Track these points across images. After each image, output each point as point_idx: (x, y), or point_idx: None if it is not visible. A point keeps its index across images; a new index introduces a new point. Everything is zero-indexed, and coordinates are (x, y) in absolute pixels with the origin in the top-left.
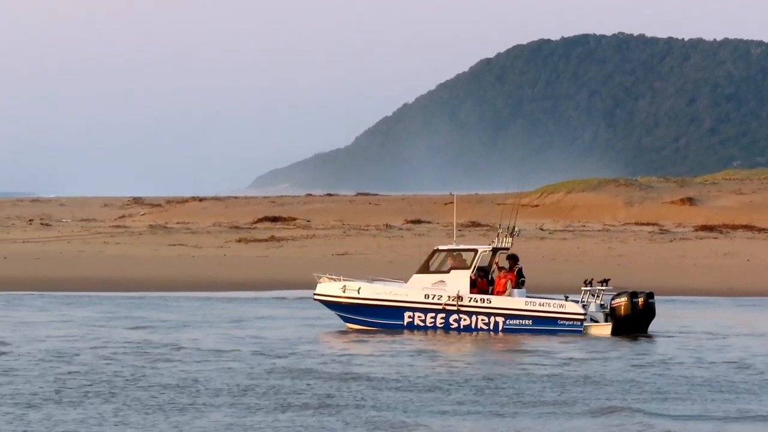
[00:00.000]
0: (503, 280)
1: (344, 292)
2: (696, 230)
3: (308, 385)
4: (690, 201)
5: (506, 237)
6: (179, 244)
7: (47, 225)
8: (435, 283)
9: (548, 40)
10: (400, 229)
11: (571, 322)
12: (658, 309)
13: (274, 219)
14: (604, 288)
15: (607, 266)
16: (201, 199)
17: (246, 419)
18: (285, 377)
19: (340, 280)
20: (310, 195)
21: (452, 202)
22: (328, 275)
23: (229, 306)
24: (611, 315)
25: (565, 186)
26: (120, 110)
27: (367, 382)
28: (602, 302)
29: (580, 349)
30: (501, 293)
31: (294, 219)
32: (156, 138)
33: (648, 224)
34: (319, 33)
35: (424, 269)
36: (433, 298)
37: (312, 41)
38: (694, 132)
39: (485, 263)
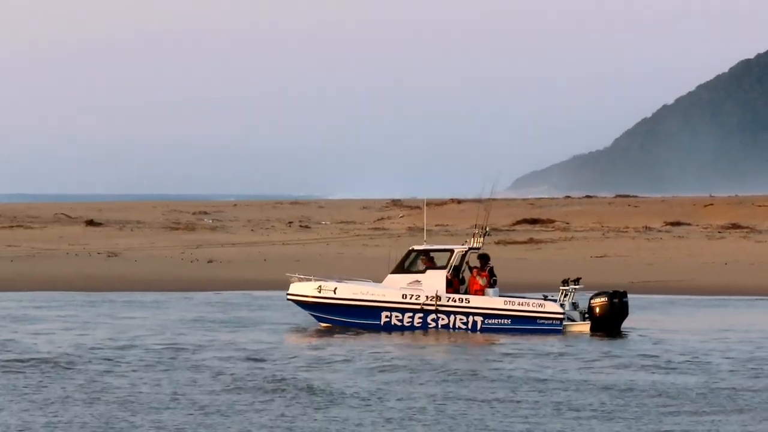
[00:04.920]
0: (478, 279)
1: (320, 292)
2: None
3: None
4: None
5: (479, 237)
6: None
7: (306, 227)
8: (410, 283)
9: None
10: (660, 231)
11: (550, 321)
12: None
13: (533, 221)
14: (577, 287)
15: None
16: (459, 201)
17: None
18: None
19: (311, 279)
20: (569, 197)
21: (712, 204)
22: (298, 275)
23: None
24: (589, 314)
25: None
26: (381, 114)
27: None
28: (574, 301)
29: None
30: (478, 292)
31: (553, 221)
32: (417, 140)
33: None
34: (578, 33)
35: (399, 269)
36: (410, 298)
37: (571, 41)
38: None
39: (457, 263)
